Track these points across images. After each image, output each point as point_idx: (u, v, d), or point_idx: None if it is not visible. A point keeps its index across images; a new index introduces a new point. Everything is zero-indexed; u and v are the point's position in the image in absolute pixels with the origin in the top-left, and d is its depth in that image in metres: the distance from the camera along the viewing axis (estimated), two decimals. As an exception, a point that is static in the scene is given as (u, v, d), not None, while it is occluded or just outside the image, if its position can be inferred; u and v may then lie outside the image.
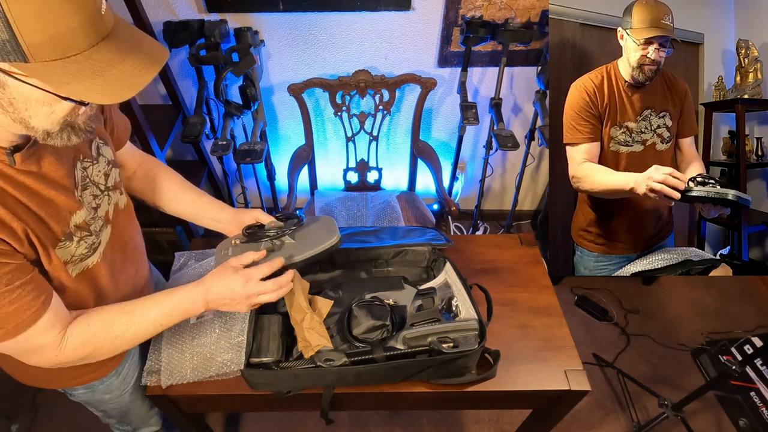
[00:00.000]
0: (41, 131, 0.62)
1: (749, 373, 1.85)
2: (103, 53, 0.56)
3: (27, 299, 0.69)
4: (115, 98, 0.57)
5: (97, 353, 0.80)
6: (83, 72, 0.55)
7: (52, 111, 0.60)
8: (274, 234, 1.00)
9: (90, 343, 0.78)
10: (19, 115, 0.60)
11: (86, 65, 0.55)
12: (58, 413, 1.81)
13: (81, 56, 0.55)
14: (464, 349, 0.98)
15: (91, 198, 0.81)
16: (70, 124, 0.64)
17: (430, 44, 1.88)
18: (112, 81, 0.56)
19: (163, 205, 1.08)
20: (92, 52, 0.55)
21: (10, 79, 0.55)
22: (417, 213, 2.00)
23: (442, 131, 2.23)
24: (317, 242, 0.98)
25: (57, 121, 0.62)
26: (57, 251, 0.74)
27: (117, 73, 0.56)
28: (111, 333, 0.80)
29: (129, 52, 0.58)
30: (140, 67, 0.58)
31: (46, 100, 0.58)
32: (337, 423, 1.79)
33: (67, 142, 0.65)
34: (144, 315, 0.82)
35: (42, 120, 0.61)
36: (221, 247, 1.03)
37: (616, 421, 1.82)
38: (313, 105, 2.04)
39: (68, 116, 0.63)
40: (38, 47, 0.52)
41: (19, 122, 0.61)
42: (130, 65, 0.57)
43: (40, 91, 0.57)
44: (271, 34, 1.83)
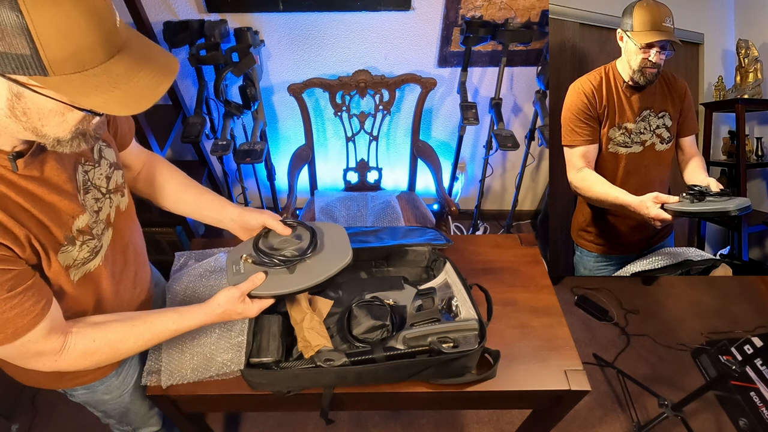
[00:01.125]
0: (52, 139, 0.63)
1: (749, 373, 1.85)
2: (120, 66, 0.57)
3: (27, 304, 0.68)
4: (132, 110, 0.58)
5: (98, 364, 0.82)
6: (101, 85, 0.56)
7: (64, 120, 0.61)
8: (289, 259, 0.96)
9: (91, 357, 0.80)
10: (31, 124, 0.60)
11: (103, 78, 0.56)
12: (58, 413, 1.81)
13: (99, 69, 0.56)
14: (464, 349, 0.98)
15: (92, 201, 0.81)
16: (81, 132, 0.65)
17: (430, 44, 1.88)
18: (128, 93, 0.57)
19: (166, 205, 1.08)
20: (109, 65, 0.57)
21: (27, 90, 0.56)
22: (417, 213, 2.00)
23: (442, 131, 2.23)
24: (329, 265, 0.96)
25: (69, 130, 0.63)
26: (59, 256, 0.74)
27: (133, 85, 0.58)
28: (116, 351, 0.82)
29: (143, 63, 0.59)
30: (155, 78, 0.60)
31: (59, 110, 0.59)
32: (337, 423, 1.79)
33: (76, 149, 0.66)
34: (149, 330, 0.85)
35: (53, 129, 0.62)
36: (232, 261, 0.99)
37: (616, 421, 1.82)
38: (313, 105, 2.04)
39: (80, 124, 0.64)
40: (59, 62, 0.53)
41: (30, 131, 0.61)
42: (146, 77, 0.59)
43: (55, 102, 0.58)
44: (271, 34, 1.83)
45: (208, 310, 0.89)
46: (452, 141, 2.24)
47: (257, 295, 0.92)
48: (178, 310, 0.88)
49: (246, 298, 0.91)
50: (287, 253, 0.96)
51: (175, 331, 0.87)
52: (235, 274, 0.95)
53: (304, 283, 0.94)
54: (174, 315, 0.87)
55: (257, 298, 0.92)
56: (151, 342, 0.86)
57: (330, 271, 0.95)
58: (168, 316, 0.87)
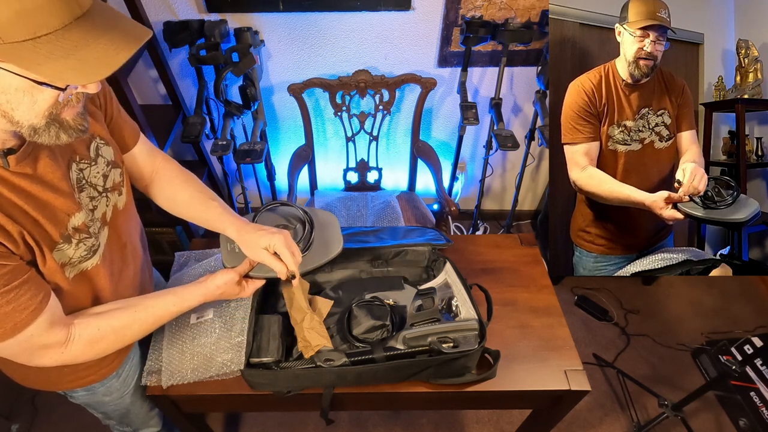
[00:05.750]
0: (27, 126, 0.61)
1: (749, 373, 1.85)
2: (76, 32, 0.54)
3: (24, 299, 0.68)
4: (89, 78, 0.54)
5: (105, 352, 0.83)
6: (54, 52, 0.53)
7: (35, 101, 0.59)
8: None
9: (98, 345, 0.81)
10: (1, 108, 0.59)
11: (57, 45, 0.53)
12: (58, 414, 1.81)
13: (52, 35, 0.53)
14: (464, 349, 0.98)
15: (87, 200, 0.80)
16: (56, 119, 0.62)
17: (430, 44, 1.88)
18: (85, 60, 0.54)
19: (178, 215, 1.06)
20: (64, 32, 0.53)
21: None
22: (417, 213, 2.00)
23: (442, 131, 2.23)
24: (321, 254, 1.01)
25: (41, 114, 0.61)
26: (54, 254, 0.73)
27: (90, 51, 0.54)
28: (122, 338, 0.84)
29: (104, 31, 0.56)
30: (116, 45, 0.56)
31: (25, 87, 0.57)
32: (337, 423, 1.79)
33: (56, 140, 0.64)
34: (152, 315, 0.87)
35: (25, 112, 0.60)
36: (226, 240, 1.02)
37: (616, 421, 1.82)
38: (313, 105, 2.04)
39: (52, 108, 0.61)
40: (5, 25, 0.50)
41: (2, 116, 0.60)
42: (105, 44, 0.55)
43: (19, 79, 0.56)
44: (271, 34, 1.83)
45: (207, 292, 0.92)
46: (452, 141, 2.24)
47: (252, 276, 0.98)
48: (177, 292, 0.90)
49: (242, 279, 0.96)
50: None
51: (177, 312, 0.90)
52: (230, 252, 1.00)
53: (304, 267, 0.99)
54: (174, 297, 0.89)
55: (251, 279, 0.98)
56: (154, 325, 0.88)
57: (322, 259, 1.01)
58: (168, 299, 0.89)
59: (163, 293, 0.90)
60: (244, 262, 0.96)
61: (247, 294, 0.97)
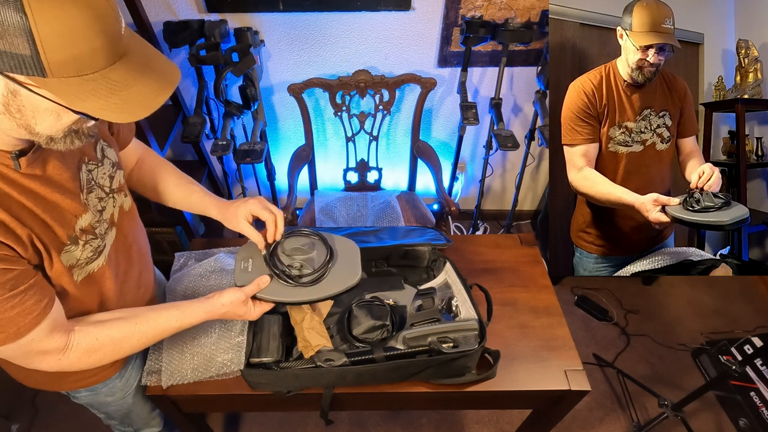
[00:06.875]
0: (45, 137, 0.63)
1: (749, 373, 1.85)
2: (119, 72, 0.57)
3: (29, 303, 0.68)
4: (130, 118, 0.57)
5: (102, 362, 0.82)
6: (99, 90, 0.55)
7: (59, 120, 0.61)
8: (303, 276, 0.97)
9: (95, 355, 0.80)
10: (25, 122, 0.60)
11: (102, 84, 0.56)
12: (58, 413, 1.81)
13: (98, 74, 0.55)
14: (464, 349, 0.98)
15: (96, 201, 0.80)
16: (74, 130, 0.65)
17: (430, 44, 1.88)
18: (126, 100, 0.57)
19: (160, 201, 1.08)
20: (109, 71, 0.56)
21: (23, 89, 0.56)
22: (417, 213, 2.00)
23: (442, 131, 2.23)
24: (336, 284, 0.98)
25: (62, 129, 0.63)
26: (62, 256, 0.73)
27: (132, 93, 0.57)
28: (120, 349, 0.82)
29: (144, 71, 0.59)
30: (155, 88, 0.59)
31: (54, 110, 0.59)
32: (337, 423, 1.79)
33: (70, 147, 0.66)
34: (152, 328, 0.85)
35: (47, 127, 0.61)
36: (242, 257, 1.00)
37: (616, 421, 1.82)
38: (313, 105, 2.04)
39: (74, 125, 0.64)
40: (59, 65, 0.53)
41: (24, 128, 0.61)
42: (145, 86, 0.58)
43: (51, 102, 0.57)
44: (271, 34, 1.83)
45: (211, 309, 0.89)
46: (452, 141, 2.24)
47: (260, 297, 0.94)
48: (180, 307, 0.89)
49: (249, 300, 0.92)
50: (297, 264, 0.98)
51: (178, 327, 0.88)
52: (243, 272, 0.96)
53: (307, 296, 0.96)
54: (176, 312, 0.88)
55: (259, 300, 0.94)
56: (154, 339, 0.86)
57: (336, 289, 0.97)
58: (171, 313, 0.87)
59: (166, 307, 0.88)
60: (252, 283, 0.92)
61: (253, 317, 0.94)
